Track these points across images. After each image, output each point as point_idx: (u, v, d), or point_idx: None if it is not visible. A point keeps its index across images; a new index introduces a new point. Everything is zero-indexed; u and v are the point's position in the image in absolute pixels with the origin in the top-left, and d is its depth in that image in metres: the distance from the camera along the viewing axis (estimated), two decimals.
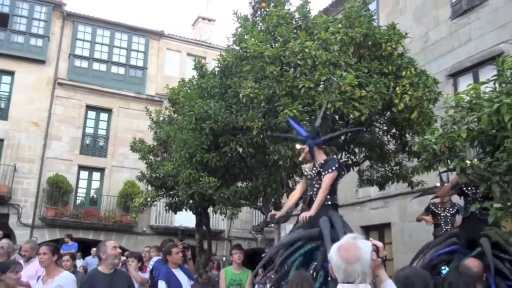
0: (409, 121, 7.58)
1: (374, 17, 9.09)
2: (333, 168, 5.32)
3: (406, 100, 7.30)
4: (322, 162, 5.44)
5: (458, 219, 7.02)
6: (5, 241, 6.78)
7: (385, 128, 8.46)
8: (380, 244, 2.71)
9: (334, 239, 4.38)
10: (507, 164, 4.50)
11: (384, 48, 7.66)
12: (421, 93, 7.45)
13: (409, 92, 7.31)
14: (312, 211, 5.10)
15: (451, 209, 7.27)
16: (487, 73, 7.29)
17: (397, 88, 7.38)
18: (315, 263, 4.90)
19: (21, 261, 6.32)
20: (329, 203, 5.31)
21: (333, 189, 5.37)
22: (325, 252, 4.61)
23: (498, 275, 4.98)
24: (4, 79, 18.82)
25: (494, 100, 4.61)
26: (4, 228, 15.77)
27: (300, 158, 5.73)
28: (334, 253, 2.44)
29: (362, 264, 2.35)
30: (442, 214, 7.27)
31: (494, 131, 4.66)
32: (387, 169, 9.20)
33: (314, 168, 5.53)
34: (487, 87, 5.29)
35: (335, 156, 6.66)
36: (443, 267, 5.63)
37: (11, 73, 18.81)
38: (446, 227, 7.09)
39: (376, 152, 8.52)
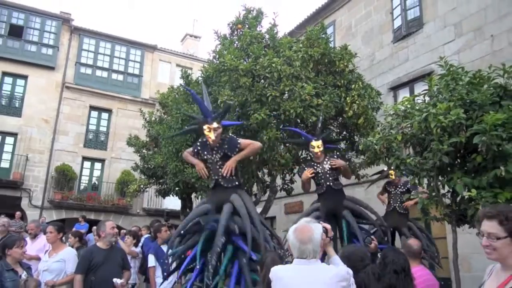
0: (357, 125, 7.66)
1: (330, 39, 9.17)
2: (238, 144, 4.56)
3: (355, 108, 7.38)
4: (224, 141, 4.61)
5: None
6: (5, 220, 6.57)
7: (337, 130, 8.54)
8: (328, 226, 2.74)
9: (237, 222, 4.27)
10: (432, 162, 4.59)
11: (337, 65, 7.73)
12: (367, 102, 7.56)
13: (357, 102, 7.40)
14: (233, 161, 4.43)
15: (402, 187, 6.70)
16: (421, 87, 7.42)
17: (347, 98, 7.45)
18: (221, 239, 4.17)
19: (27, 238, 6.19)
20: (236, 183, 4.63)
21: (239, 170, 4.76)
22: (226, 228, 4.21)
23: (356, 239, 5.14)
24: (18, 82, 18.30)
25: (423, 110, 4.70)
26: (17, 209, 15.38)
27: (214, 137, 4.49)
28: (291, 234, 2.46)
29: (313, 243, 2.38)
30: (392, 192, 6.78)
31: (423, 135, 4.76)
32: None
33: (214, 151, 4.58)
34: (418, 99, 5.39)
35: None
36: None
37: (25, 77, 18.30)
38: (394, 204, 6.62)
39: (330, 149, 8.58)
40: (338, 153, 5.78)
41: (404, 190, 6.60)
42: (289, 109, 6.83)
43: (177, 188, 9.71)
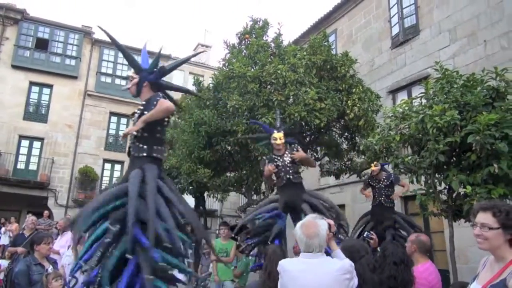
0: (358, 127, 7.64)
1: (332, 47, 9.15)
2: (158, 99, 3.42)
3: (356, 111, 7.37)
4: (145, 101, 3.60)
5: (397, 189, 6.18)
6: (33, 218, 6.68)
7: (339, 132, 8.51)
8: (332, 222, 2.72)
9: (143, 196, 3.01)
10: (429, 161, 4.57)
11: (339, 71, 7.72)
12: (367, 105, 7.53)
13: (358, 105, 7.38)
14: (134, 127, 3.40)
15: (385, 180, 6.23)
16: (418, 90, 7.38)
17: (349, 102, 7.44)
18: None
19: (56, 234, 6.26)
20: (145, 154, 3.42)
21: (158, 139, 3.49)
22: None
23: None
24: (45, 90, 18.47)
25: (420, 112, 4.68)
26: (44, 208, 15.55)
27: (128, 86, 3.85)
28: (298, 229, 2.45)
29: (319, 238, 2.37)
30: (376, 186, 6.30)
31: (420, 135, 4.73)
32: (342, 163, 9.25)
33: (138, 110, 3.62)
34: (416, 101, 5.36)
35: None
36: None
37: (50, 86, 18.47)
38: (380, 198, 6.14)
39: (333, 150, 8.58)
40: (298, 146, 5.15)
41: (388, 183, 6.21)
42: (294, 112, 6.83)
43: (190, 188, 9.78)
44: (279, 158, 5.11)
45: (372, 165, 6.15)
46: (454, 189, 4.58)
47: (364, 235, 4.92)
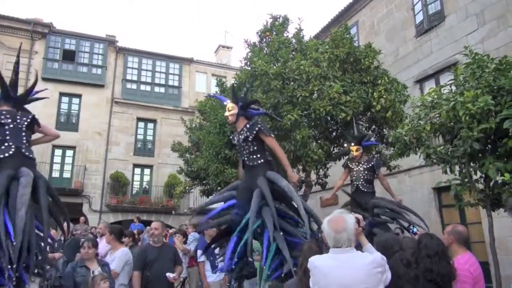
0: (385, 118, 7.48)
1: (355, 39, 8.99)
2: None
3: (382, 102, 7.21)
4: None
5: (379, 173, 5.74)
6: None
7: (366, 125, 8.36)
8: (360, 216, 2.66)
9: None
10: (463, 149, 4.41)
11: (363, 63, 7.59)
12: (394, 96, 7.36)
13: (384, 96, 7.22)
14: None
15: (365, 163, 5.75)
16: (446, 78, 7.13)
17: (375, 93, 7.29)
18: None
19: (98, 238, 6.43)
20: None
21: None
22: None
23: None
24: (74, 100, 19.03)
25: (450, 99, 4.52)
26: (80, 214, 16.03)
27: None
28: (325, 224, 2.41)
29: (347, 233, 2.33)
30: (355, 169, 5.80)
31: (451, 123, 4.57)
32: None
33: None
34: (445, 89, 5.18)
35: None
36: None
37: (79, 96, 19.02)
38: (357, 183, 5.64)
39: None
40: (259, 124, 4.11)
41: (368, 166, 5.68)
42: (319, 108, 6.75)
43: (219, 188, 9.79)
44: (236, 134, 4.30)
45: (353, 148, 5.77)
46: (491, 178, 4.39)
47: (411, 231, 4.80)
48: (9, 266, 3.03)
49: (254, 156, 4.08)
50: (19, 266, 3.10)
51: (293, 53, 7.74)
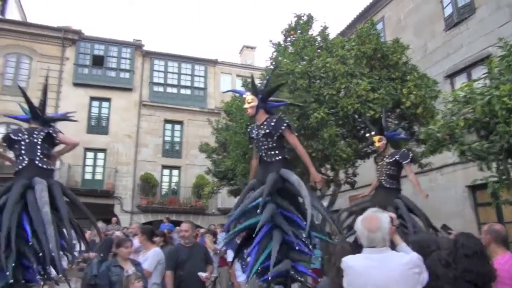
0: (415, 115, 7.28)
1: (381, 35, 8.80)
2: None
3: (412, 99, 7.03)
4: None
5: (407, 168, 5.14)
6: (102, 225, 7.07)
7: (396, 122, 8.17)
8: (393, 215, 2.60)
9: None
10: (500, 145, 4.25)
11: (390, 59, 7.42)
12: (424, 92, 7.16)
13: (414, 92, 7.04)
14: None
15: (389, 157, 5.32)
16: (479, 72, 6.88)
17: (404, 90, 7.12)
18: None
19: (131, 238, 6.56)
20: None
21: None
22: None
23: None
24: (104, 104, 19.56)
25: (485, 93, 4.37)
26: (111, 215, 16.46)
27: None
28: (359, 224, 2.37)
29: (382, 232, 2.28)
30: (379, 163, 5.48)
31: (487, 119, 4.41)
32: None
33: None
34: (479, 83, 5.01)
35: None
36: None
37: (108, 100, 19.53)
38: (380, 178, 5.28)
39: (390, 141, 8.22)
40: (281, 118, 4.01)
41: (391, 160, 5.26)
42: (346, 105, 6.66)
43: None
44: (255, 128, 4.10)
45: (376, 138, 5.38)
46: None
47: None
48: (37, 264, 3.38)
49: (273, 152, 3.94)
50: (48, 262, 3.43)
51: (319, 51, 7.66)
